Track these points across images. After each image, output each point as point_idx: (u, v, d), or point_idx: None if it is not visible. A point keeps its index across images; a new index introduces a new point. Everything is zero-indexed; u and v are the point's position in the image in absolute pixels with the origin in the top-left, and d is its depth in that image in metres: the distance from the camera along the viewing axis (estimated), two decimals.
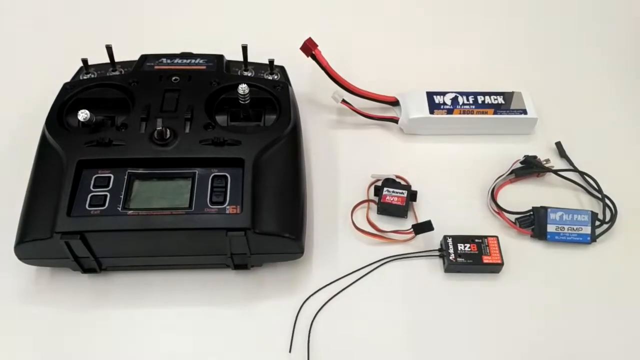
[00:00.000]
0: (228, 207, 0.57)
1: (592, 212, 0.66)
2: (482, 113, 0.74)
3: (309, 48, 0.73)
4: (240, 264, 0.60)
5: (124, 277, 0.61)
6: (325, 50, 0.73)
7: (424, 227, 0.64)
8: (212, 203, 0.57)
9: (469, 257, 0.62)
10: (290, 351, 0.57)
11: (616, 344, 0.59)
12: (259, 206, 0.57)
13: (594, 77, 0.85)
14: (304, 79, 0.78)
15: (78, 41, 0.83)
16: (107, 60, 0.69)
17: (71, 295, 0.60)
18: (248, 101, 0.64)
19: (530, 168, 0.71)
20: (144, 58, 0.70)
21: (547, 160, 0.72)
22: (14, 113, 0.76)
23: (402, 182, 0.69)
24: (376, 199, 0.68)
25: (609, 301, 0.62)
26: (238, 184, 0.58)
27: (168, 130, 0.60)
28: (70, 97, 0.65)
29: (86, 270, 0.60)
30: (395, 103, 0.77)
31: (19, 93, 0.78)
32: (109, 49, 0.68)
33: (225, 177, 0.59)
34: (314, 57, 0.73)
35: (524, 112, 0.75)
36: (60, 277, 0.61)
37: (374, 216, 0.67)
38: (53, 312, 0.59)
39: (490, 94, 0.76)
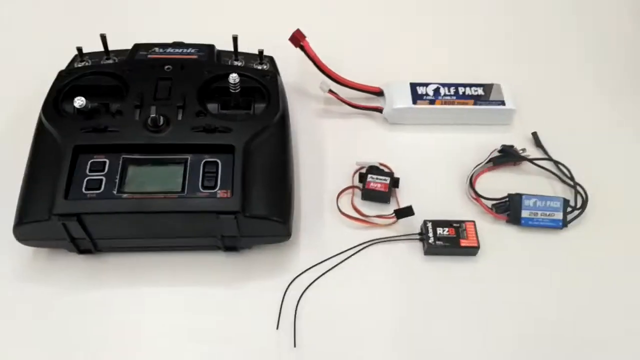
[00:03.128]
0: (219, 191, 0.60)
1: (564, 198, 0.70)
2: (463, 104, 0.77)
3: (298, 39, 0.75)
4: (230, 246, 0.63)
5: (118, 258, 0.64)
6: (313, 41, 0.75)
7: (405, 212, 0.67)
8: (204, 187, 0.60)
9: (447, 240, 0.66)
10: (277, 328, 0.60)
11: (586, 325, 0.62)
12: (248, 191, 0.60)
13: (570, 70, 0.89)
14: (292, 69, 0.80)
15: (72, 30, 0.85)
16: (101, 49, 0.71)
17: (67, 276, 0.63)
18: (238, 90, 0.67)
19: (507, 157, 0.75)
20: (137, 47, 0.72)
21: (524, 150, 0.75)
22: (10, 99, 0.77)
23: (386, 170, 0.72)
24: (361, 185, 0.71)
25: (579, 282, 0.66)
26: (228, 169, 0.61)
27: (162, 117, 0.62)
28: (65, 84, 0.67)
29: (82, 251, 0.63)
30: (380, 93, 0.80)
31: (14, 80, 0.80)
32: (103, 37, 0.70)
33: (217, 162, 0.61)
34: (302, 48, 0.76)
35: (503, 103, 0.78)
36: (56, 257, 0.64)
37: (359, 201, 0.71)
38: (49, 291, 0.62)
39: (470, 85, 0.79)
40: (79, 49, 0.71)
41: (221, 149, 0.62)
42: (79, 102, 0.62)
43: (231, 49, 0.73)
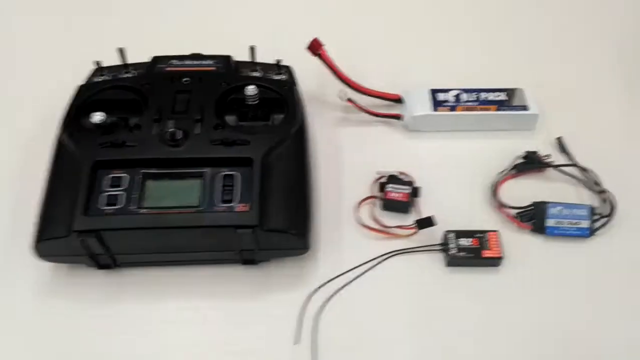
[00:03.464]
0: (237, 205, 0.59)
1: (590, 206, 0.68)
2: (485, 110, 0.76)
3: (315, 48, 0.75)
4: (249, 259, 0.63)
5: (137, 273, 0.64)
6: (331, 49, 0.75)
7: (426, 223, 0.66)
8: (222, 201, 0.59)
9: (470, 251, 0.64)
10: (296, 343, 0.59)
11: (614, 337, 0.61)
12: (266, 204, 0.59)
13: (596, 73, 0.86)
14: (310, 78, 0.79)
15: (92, 43, 0.86)
16: (119, 61, 0.71)
17: (87, 291, 0.63)
18: (256, 102, 0.67)
19: (531, 163, 0.73)
20: (156, 60, 0.72)
21: (548, 156, 0.73)
22: (29, 114, 0.78)
23: (406, 179, 0.71)
24: (380, 194, 0.70)
25: (607, 294, 0.64)
26: (247, 183, 0.61)
27: (179, 132, 0.62)
28: (84, 99, 0.68)
29: (101, 266, 0.63)
30: (399, 100, 0.79)
31: (34, 94, 0.81)
32: (121, 51, 0.70)
33: (235, 176, 0.61)
34: (320, 57, 0.75)
35: (526, 108, 0.76)
36: (76, 273, 0.64)
37: (378, 211, 0.70)
38: (69, 307, 0.62)
39: (492, 90, 0.77)
40: (98, 63, 0.71)
41: (239, 162, 0.62)
42: (98, 117, 0.62)
43: (248, 59, 0.72)
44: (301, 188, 0.63)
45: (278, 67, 0.73)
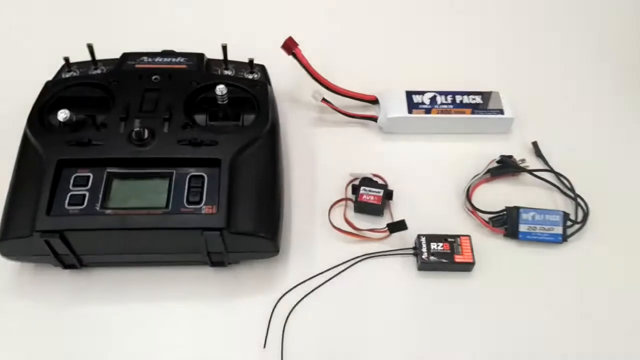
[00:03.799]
0: (204, 206, 0.58)
1: (564, 212, 0.67)
2: (460, 113, 0.75)
3: (290, 47, 0.73)
4: (217, 262, 0.62)
5: (104, 273, 0.63)
6: (305, 48, 0.74)
7: (398, 226, 0.65)
8: (189, 203, 0.58)
9: (442, 255, 0.64)
10: (264, 347, 0.58)
11: (585, 342, 0.60)
12: (235, 206, 0.58)
13: (573, 77, 0.86)
14: (285, 77, 0.79)
15: (61, 39, 0.84)
16: (89, 57, 0.70)
17: (52, 291, 0.62)
18: (226, 102, 0.65)
19: (505, 168, 0.72)
20: (126, 56, 0.71)
21: (523, 160, 0.73)
22: None
23: (380, 181, 0.70)
24: (353, 197, 0.69)
25: (579, 299, 0.63)
26: (214, 184, 0.59)
27: (146, 131, 0.61)
28: (51, 96, 0.66)
29: (67, 266, 0.61)
30: (375, 102, 0.78)
31: (2, 90, 0.79)
32: (90, 47, 0.68)
33: (202, 177, 0.60)
34: (294, 56, 0.74)
35: (501, 112, 0.76)
36: (42, 272, 0.63)
37: (351, 214, 0.69)
38: (34, 307, 0.61)
39: (468, 93, 0.77)
40: (66, 59, 0.70)
41: (207, 163, 0.60)
42: (63, 115, 0.61)
43: (221, 56, 0.71)
44: (271, 190, 0.62)
45: (251, 65, 0.72)
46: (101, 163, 0.60)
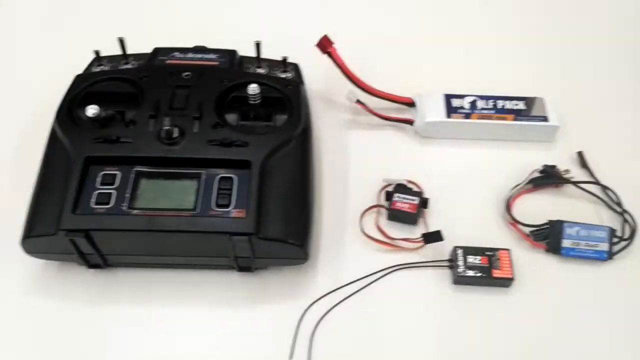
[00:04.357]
0: (233, 210, 0.56)
1: (610, 228, 0.64)
2: (502, 119, 0.72)
3: (325, 46, 0.71)
4: (245, 267, 0.60)
5: (128, 274, 0.61)
6: (341, 47, 0.71)
7: (433, 237, 0.62)
8: (218, 206, 0.56)
9: (479, 269, 0.61)
10: (291, 357, 0.56)
11: None
12: (264, 210, 0.56)
13: (621, 84, 0.81)
14: (319, 77, 0.76)
15: (92, 31, 0.83)
16: (119, 51, 0.68)
17: (76, 290, 0.60)
18: (259, 101, 0.63)
19: (548, 178, 0.69)
20: (157, 51, 0.69)
21: (567, 171, 0.69)
22: (27, 103, 0.75)
23: (414, 188, 0.67)
24: (387, 204, 0.66)
25: (623, 320, 0.60)
26: (244, 186, 0.57)
27: (176, 130, 0.59)
28: (80, 90, 0.65)
29: (92, 265, 0.60)
30: (411, 104, 0.75)
31: (32, 84, 0.78)
32: (121, 41, 0.67)
33: (232, 179, 0.58)
34: (329, 55, 0.71)
35: (545, 119, 0.72)
36: (66, 271, 0.61)
37: (384, 222, 0.66)
38: (57, 306, 0.59)
39: (510, 98, 0.73)
40: (97, 53, 0.68)
41: (237, 164, 0.58)
42: (92, 110, 0.59)
43: (254, 54, 0.69)
44: (302, 194, 0.60)
45: (284, 64, 0.69)
46: (129, 161, 0.58)
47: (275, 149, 0.60)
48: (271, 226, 0.56)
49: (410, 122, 0.74)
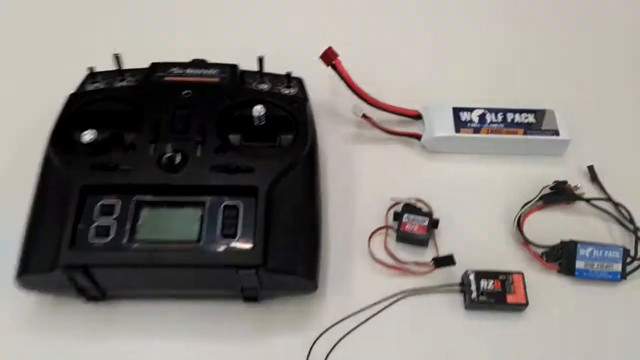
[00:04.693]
0: (239, 241, 0.54)
1: (623, 248, 0.62)
2: (512, 133, 0.70)
3: (330, 57, 0.68)
4: (250, 297, 0.57)
5: (128, 306, 0.59)
6: (346, 59, 0.68)
7: (445, 261, 0.60)
8: (223, 236, 0.54)
9: (492, 295, 0.59)
10: None
11: None
12: (271, 240, 0.54)
13: (633, 97, 0.79)
14: (322, 90, 0.73)
15: (87, 46, 0.79)
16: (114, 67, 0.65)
17: (73, 324, 0.58)
18: (263, 122, 0.60)
19: (559, 195, 0.67)
20: (154, 67, 0.66)
21: (577, 187, 0.67)
22: (17, 124, 0.72)
23: (424, 208, 0.65)
24: (395, 224, 0.64)
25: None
26: (250, 214, 0.55)
27: (178, 155, 0.56)
28: (75, 110, 0.61)
29: (89, 298, 0.57)
30: (418, 117, 0.73)
31: (21, 102, 0.74)
32: (116, 57, 0.63)
33: (237, 207, 0.55)
34: (334, 67, 0.69)
35: (556, 133, 0.70)
36: (62, 304, 0.58)
37: (392, 243, 0.64)
38: (54, 342, 0.57)
39: (520, 111, 0.71)
40: (91, 69, 0.65)
41: (243, 191, 0.56)
42: (89, 136, 0.56)
43: (256, 67, 0.66)
44: (311, 222, 0.58)
45: (288, 79, 0.66)
46: (129, 190, 0.55)
47: (282, 173, 0.57)
48: (279, 257, 0.54)
49: (417, 136, 0.72)
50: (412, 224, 0.63)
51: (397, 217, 0.64)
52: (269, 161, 0.58)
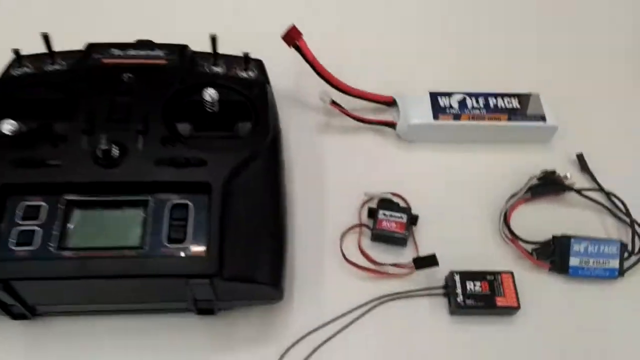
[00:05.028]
0: (190, 246, 0.46)
1: (620, 242, 0.57)
2: (495, 119, 0.64)
3: (293, 37, 0.61)
4: (205, 309, 0.50)
5: (62, 324, 0.50)
6: (311, 39, 0.61)
7: (426, 262, 0.54)
8: (170, 241, 0.46)
9: (480, 298, 0.53)
10: None
11: None
12: (228, 245, 0.46)
13: (622, 77, 0.74)
14: (285, 74, 0.66)
15: (11, 24, 0.70)
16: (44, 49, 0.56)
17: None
18: (217, 108, 0.53)
19: (548, 186, 0.61)
20: (91, 48, 0.58)
21: (567, 177, 0.62)
22: None
23: (401, 203, 0.59)
24: (370, 222, 0.57)
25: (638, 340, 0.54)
26: (202, 215, 0.47)
27: (116, 148, 0.48)
28: None
29: (16, 316, 0.49)
30: (392, 104, 0.66)
31: None
32: (45, 37, 0.55)
33: (187, 206, 0.48)
34: (297, 48, 0.62)
35: (543, 118, 0.64)
36: None
37: (367, 243, 0.57)
38: None
39: (503, 95, 0.65)
40: (17, 52, 0.56)
41: (194, 188, 0.48)
42: (8, 126, 0.48)
43: (208, 49, 0.58)
44: (274, 222, 0.50)
45: (246, 61, 0.58)
46: (58, 189, 0.47)
47: (240, 166, 0.50)
48: (237, 264, 0.46)
49: (392, 124, 0.65)
50: (389, 222, 0.56)
51: (372, 214, 0.57)
52: (224, 153, 0.50)
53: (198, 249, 0.46)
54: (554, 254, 0.56)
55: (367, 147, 0.65)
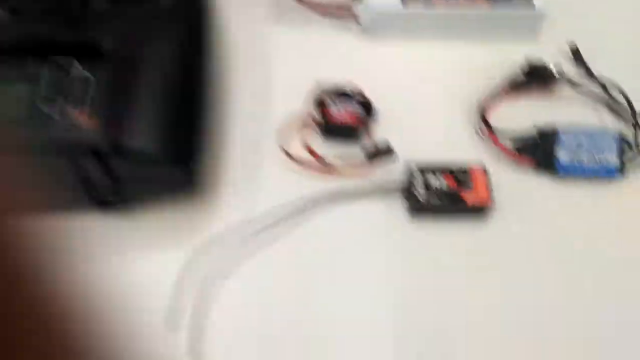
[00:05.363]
0: (76, 118, 0.38)
1: (620, 134, 0.47)
2: (473, 7, 0.54)
3: None
4: (104, 201, 0.41)
5: None
6: None
7: (379, 152, 0.45)
8: (55, 112, 0.38)
9: (444, 196, 0.44)
10: (172, 328, 0.39)
11: None
12: (126, 115, 0.38)
13: None
14: None
15: None
16: None
17: None
18: None
19: (535, 77, 0.52)
20: None
21: (558, 66, 0.52)
22: None
23: (357, 95, 0.50)
24: (318, 114, 0.49)
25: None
26: (94, 83, 0.39)
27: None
28: None
29: None
30: None
31: None
32: None
33: (74, 71, 0.39)
34: None
35: (530, 5, 0.54)
36: None
37: (316, 139, 0.48)
38: None
39: None
40: None
41: (84, 50, 0.40)
42: None
43: None
44: (187, 92, 0.42)
45: None
46: None
47: (145, 22, 0.41)
48: (136, 137, 0.38)
49: (353, 15, 0.56)
50: (340, 112, 0.48)
51: (322, 104, 0.48)
52: (127, 6, 0.41)
53: (85, 117, 0.37)
54: (539, 149, 0.47)
55: (323, 40, 0.55)
